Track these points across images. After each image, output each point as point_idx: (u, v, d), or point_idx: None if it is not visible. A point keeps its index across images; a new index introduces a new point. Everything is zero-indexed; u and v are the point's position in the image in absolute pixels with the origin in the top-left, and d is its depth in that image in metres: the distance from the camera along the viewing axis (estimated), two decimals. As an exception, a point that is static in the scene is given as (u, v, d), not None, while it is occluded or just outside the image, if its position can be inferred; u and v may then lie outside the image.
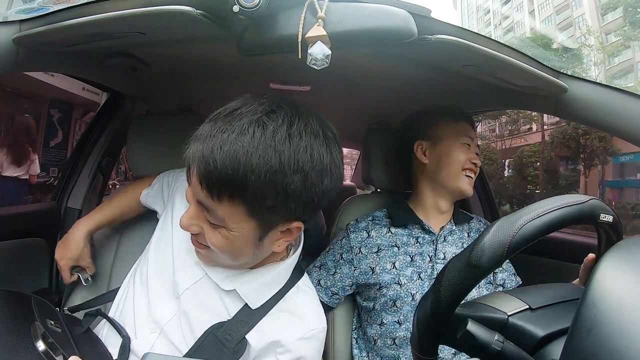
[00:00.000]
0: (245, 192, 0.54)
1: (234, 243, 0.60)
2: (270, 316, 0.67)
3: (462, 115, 1.01)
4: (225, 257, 0.63)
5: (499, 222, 0.40)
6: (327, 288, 0.97)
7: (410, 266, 0.92)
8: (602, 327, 0.30)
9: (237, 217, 0.57)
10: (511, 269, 0.98)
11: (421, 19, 0.65)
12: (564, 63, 10.55)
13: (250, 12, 0.56)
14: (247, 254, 0.63)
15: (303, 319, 0.68)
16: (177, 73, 1.11)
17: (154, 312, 0.69)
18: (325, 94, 1.32)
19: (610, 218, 0.43)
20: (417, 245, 0.94)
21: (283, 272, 0.70)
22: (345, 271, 0.95)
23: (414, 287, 0.90)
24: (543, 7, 14.04)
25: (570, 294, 0.46)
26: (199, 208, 0.59)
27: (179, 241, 0.73)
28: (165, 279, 0.71)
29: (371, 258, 0.94)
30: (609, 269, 0.34)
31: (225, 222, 0.58)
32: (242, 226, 0.58)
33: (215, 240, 0.59)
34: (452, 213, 0.99)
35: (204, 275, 0.69)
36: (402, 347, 0.89)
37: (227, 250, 0.61)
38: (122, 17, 0.60)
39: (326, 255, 1.00)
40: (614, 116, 0.76)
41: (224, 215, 0.57)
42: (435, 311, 0.41)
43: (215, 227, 0.59)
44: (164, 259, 0.73)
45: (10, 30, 0.68)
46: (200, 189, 0.56)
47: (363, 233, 0.97)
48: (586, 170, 10.55)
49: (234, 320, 0.66)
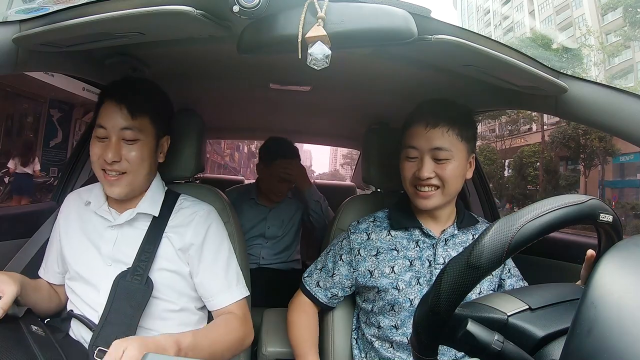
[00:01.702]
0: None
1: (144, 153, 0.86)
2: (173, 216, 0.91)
3: (415, 117, 0.90)
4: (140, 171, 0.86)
5: (499, 222, 0.40)
6: (326, 289, 0.96)
7: (409, 271, 0.89)
8: (602, 327, 0.30)
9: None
10: (518, 275, 0.94)
11: (421, 19, 0.65)
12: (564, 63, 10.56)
13: (250, 12, 0.56)
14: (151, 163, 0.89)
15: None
16: (177, 73, 1.11)
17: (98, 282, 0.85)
18: (325, 94, 1.32)
19: (610, 218, 0.42)
20: (417, 250, 0.91)
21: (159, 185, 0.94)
22: (344, 272, 0.94)
23: (413, 292, 0.88)
24: (543, 7, 14.05)
25: (570, 294, 0.46)
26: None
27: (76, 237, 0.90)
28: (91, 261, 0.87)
29: (370, 261, 0.92)
30: (609, 269, 0.34)
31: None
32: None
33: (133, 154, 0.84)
34: (455, 216, 0.95)
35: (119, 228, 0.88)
36: (400, 350, 0.88)
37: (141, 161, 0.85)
38: (122, 17, 0.60)
39: (327, 256, 0.99)
40: (614, 116, 0.76)
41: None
42: (435, 312, 0.41)
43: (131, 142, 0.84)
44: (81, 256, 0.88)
45: (10, 30, 0.68)
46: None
47: (363, 235, 0.94)
48: (586, 170, 10.56)
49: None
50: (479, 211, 1.46)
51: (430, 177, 0.86)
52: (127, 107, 0.83)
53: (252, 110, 1.77)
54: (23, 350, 0.66)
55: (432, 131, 0.86)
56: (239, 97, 1.50)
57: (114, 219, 0.88)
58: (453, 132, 0.86)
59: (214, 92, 1.39)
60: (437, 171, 0.86)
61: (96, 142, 0.85)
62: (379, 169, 1.11)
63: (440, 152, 0.86)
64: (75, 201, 0.93)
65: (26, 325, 0.73)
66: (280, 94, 1.31)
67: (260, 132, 2.08)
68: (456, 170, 0.87)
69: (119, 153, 0.83)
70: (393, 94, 1.21)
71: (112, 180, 0.84)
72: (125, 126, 0.83)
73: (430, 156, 0.87)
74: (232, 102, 1.59)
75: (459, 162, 0.87)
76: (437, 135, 0.86)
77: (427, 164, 0.87)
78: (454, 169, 0.87)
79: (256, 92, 1.38)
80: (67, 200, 0.95)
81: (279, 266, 1.73)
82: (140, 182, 0.88)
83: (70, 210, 0.92)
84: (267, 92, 1.29)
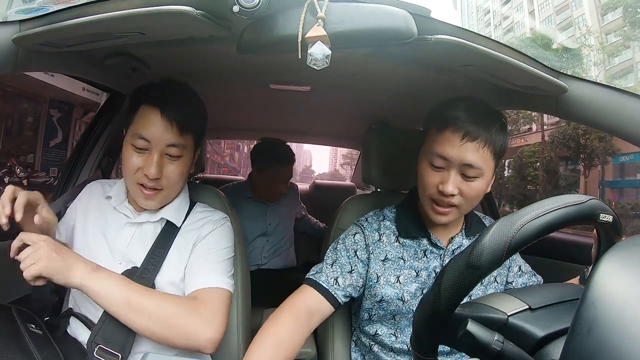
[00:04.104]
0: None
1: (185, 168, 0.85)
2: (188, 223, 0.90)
3: (450, 120, 0.77)
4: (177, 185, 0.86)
5: (499, 222, 0.40)
6: (345, 287, 0.85)
7: (415, 282, 0.85)
8: (602, 327, 0.30)
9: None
10: (530, 271, 0.91)
11: (421, 19, 0.65)
12: (564, 63, 10.55)
13: (250, 12, 0.56)
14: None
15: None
16: (177, 73, 1.10)
17: None
18: (325, 94, 1.32)
19: (610, 218, 0.43)
20: (424, 260, 0.86)
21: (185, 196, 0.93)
22: (360, 270, 0.86)
23: (417, 303, 0.82)
24: (543, 7, 14.05)
25: (570, 294, 0.46)
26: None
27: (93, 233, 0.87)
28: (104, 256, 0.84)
29: (378, 266, 0.86)
30: (609, 269, 0.34)
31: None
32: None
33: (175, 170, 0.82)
34: (463, 221, 0.89)
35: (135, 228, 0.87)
36: (400, 355, 0.86)
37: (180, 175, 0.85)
38: (122, 17, 0.61)
39: (336, 251, 0.88)
40: (614, 116, 0.76)
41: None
42: (435, 312, 0.41)
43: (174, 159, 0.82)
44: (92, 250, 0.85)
45: (10, 30, 0.68)
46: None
47: (375, 235, 0.88)
48: (586, 170, 10.55)
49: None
50: (478, 211, 1.45)
51: (454, 193, 0.78)
52: (178, 124, 0.79)
53: (252, 110, 1.77)
54: (20, 348, 0.66)
55: (469, 144, 0.76)
56: (239, 97, 1.50)
57: (134, 217, 0.86)
58: (489, 148, 0.77)
59: (214, 92, 1.38)
60: (462, 187, 0.78)
61: (133, 152, 0.80)
62: (379, 169, 1.11)
63: (471, 170, 0.77)
64: (97, 191, 0.91)
65: (23, 323, 0.73)
66: (280, 94, 1.31)
67: (260, 132, 2.08)
68: (481, 189, 0.79)
69: (162, 169, 0.80)
70: (393, 94, 1.21)
71: (150, 195, 0.81)
72: (172, 143, 0.79)
73: (458, 170, 0.77)
74: (232, 102, 1.59)
75: (486, 180, 0.79)
76: (473, 150, 0.76)
77: (454, 178, 0.77)
78: (479, 188, 0.79)
79: (256, 92, 1.38)
80: (89, 186, 0.93)
81: (278, 265, 1.72)
82: (174, 196, 0.87)
83: (91, 197, 0.91)
84: (267, 92, 1.29)
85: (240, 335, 0.96)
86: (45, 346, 0.70)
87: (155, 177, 0.79)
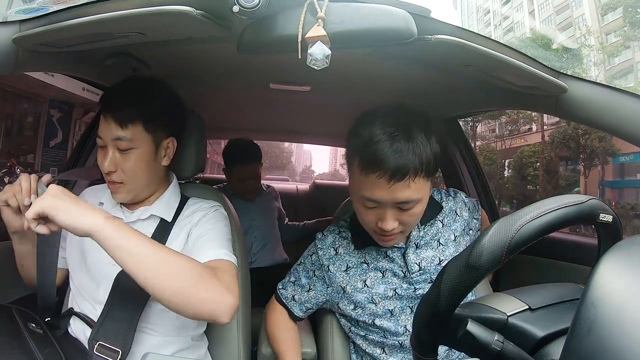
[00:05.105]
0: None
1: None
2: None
3: (373, 164, 0.71)
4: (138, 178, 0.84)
5: (499, 222, 0.40)
6: (301, 304, 0.94)
7: (382, 283, 0.85)
8: (602, 327, 0.30)
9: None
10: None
11: (421, 19, 0.65)
12: (564, 63, 10.55)
13: (250, 12, 0.56)
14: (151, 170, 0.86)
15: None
16: (177, 73, 1.11)
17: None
18: (325, 94, 1.32)
19: (610, 218, 0.43)
20: (387, 260, 0.86)
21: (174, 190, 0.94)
22: (319, 288, 0.91)
23: (391, 303, 0.85)
24: (543, 7, 14.04)
25: (570, 294, 0.46)
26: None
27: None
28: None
29: (341, 277, 0.88)
30: (609, 269, 0.34)
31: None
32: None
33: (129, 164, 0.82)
34: None
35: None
36: (393, 354, 0.87)
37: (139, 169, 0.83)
38: (122, 17, 0.61)
39: (299, 270, 0.95)
40: (614, 116, 0.76)
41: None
42: (435, 312, 0.41)
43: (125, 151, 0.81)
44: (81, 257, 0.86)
45: (10, 30, 0.68)
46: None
47: (331, 250, 0.90)
48: (586, 170, 10.55)
49: None
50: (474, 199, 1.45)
51: (394, 227, 0.75)
52: (115, 118, 0.81)
53: (252, 110, 1.77)
54: (21, 348, 0.66)
55: (397, 185, 0.71)
56: (239, 97, 1.50)
57: (126, 217, 0.87)
58: (420, 175, 0.72)
59: (214, 92, 1.39)
60: (402, 218, 0.76)
61: (99, 150, 0.85)
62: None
63: (406, 204, 0.74)
64: (91, 198, 0.93)
65: (24, 322, 0.73)
66: (280, 94, 1.31)
67: (260, 132, 2.08)
68: (422, 209, 0.78)
69: (115, 163, 0.82)
70: (393, 94, 1.21)
71: (113, 188, 0.84)
72: (117, 137, 0.81)
73: (393, 206, 0.75)
74: (232, 102, 1.59)
75: (424, 200, 0.77)
76: (403, 188, 0.71)
77: (390, 214, 0.75)
78: (419, 211, 0.77)
79: (256, 92, 1.38)
80: (83, 195, 0.94)
81: (267, 261, 1.73)
82: (142, 189, 0.87)
83: None
84: (267, 92, 1.29)
85: (240, 335, 0.95)
86: (46, 345, 0.70)
87: (107, 170, 0.82)
